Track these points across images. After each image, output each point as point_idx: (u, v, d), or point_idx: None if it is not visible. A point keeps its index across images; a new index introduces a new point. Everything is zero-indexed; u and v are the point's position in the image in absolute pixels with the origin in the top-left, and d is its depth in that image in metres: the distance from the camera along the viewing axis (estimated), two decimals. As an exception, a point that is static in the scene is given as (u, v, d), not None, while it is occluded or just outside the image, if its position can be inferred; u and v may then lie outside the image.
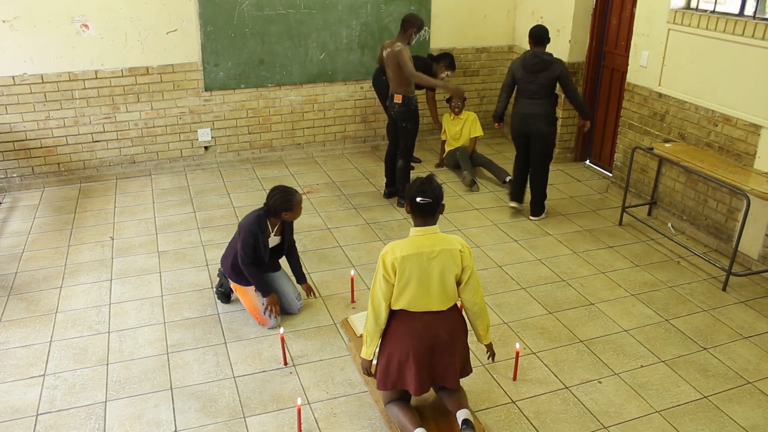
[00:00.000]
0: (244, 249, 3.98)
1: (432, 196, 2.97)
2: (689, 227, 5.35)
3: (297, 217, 4.08)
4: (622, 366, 3.80)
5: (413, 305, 3.02)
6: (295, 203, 3.98)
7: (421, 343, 3.04)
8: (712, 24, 4.90)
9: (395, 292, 3.00)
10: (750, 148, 4.74)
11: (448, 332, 3.07)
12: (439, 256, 2.97)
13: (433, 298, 3.02)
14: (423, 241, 2.98)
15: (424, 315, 3.04)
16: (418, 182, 3.03)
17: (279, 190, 3.99)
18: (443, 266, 2.97)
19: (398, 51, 5.38)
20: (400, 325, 3.07)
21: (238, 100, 6.62)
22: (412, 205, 3.00)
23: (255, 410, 3.43)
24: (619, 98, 6.30)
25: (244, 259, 3.98)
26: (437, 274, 2.98)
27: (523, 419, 3.39)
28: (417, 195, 2.97)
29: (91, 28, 5.92)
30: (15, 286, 4.57)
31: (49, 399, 3.49)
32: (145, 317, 4.21)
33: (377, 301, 3.04)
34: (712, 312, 4.35)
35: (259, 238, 4.00)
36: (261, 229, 4.01)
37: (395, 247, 2.98)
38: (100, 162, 6.37)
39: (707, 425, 3.36)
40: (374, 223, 5.54)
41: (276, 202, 3.95)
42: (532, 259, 4.99)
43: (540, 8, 6.93)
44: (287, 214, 4.00)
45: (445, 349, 3.08)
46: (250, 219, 4.02)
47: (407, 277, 2.96)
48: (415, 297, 3.00)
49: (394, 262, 2.95)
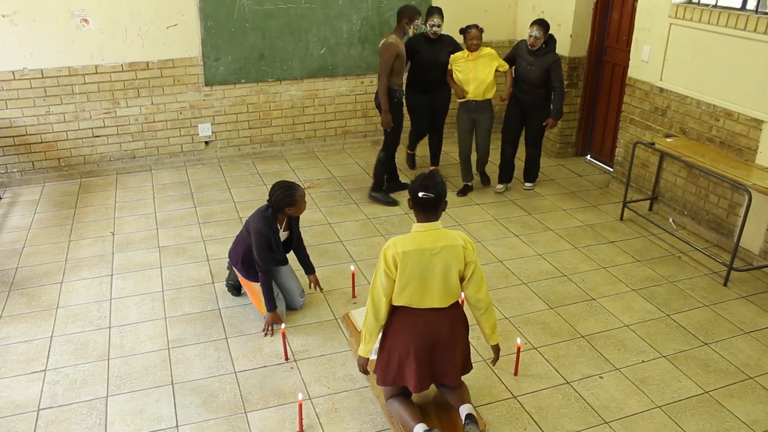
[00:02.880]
0: (259, 254, 3.92)
1: (435, 191, 2.95)
2: (690, 222, 5.35)
3: (301, 212, 4.05)
4: (623, 361, 3.80)
5: (414, 302, 3.01)
6: (297, 198, 3.95)
7: (421, 340, 3.03)
8: (714, 18, 4.88)
9: (396, 287, 2.99)
10: (751, 143, 4.73)
11: (449, 330, 3.06)
12: (442, 252, 2.95)
13: (435, 295, 3.00)
14: (425, 236, 2.97)
15: (426, 312, 3.03)
16: (420, 177, 3.01)
17: (281, 186, 3.97)
18: (446, 263, 2.96)
19: (381, 46, 5.44)
20: (401, 322, 3.06)
21: (239, 95, 6.61)
22: (414, 200, 2.98)
23: (256, 405, 3.43)
24: (620, 93, 6.28)
25: (261, 265, 3.93)
26: (439, 270, 2.96)
27: (524, 414, 3.39)
28: (419, 190, 2.95)
29: (90, 22, 5.91)
30: (16, 281, 4.57)
31: (50, 394, 3.49)
32: (146, 312, 4.21)
33: (377, 296, 3.02)
34: (713, 307, 4.34)
35: (272, 239, 3.97)
36: (272, 230, 3.97)
37: (397, 242, 2.97)
38: (100, 157, 6.36)
39: (708, 420, 3.36)
40: (375, 218, 5.54)
41: (278, 198, 3.92)
42: (533, 254, 4.99)
43: (541, 2, 6.91)
44: (290, 209, 3.97)
45: (445, 347, 3.07)
46: (258, 221, 3.94)
47: (409, 272, 2.94)
48: (416, 293, 2.99)
49: (396, 256, 2.93)
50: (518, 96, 5.79)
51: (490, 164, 6.30)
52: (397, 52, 5.41)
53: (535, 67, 5.59)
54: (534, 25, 5.52)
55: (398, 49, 5.42)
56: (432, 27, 5.63)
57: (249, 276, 4.09)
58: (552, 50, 5.58)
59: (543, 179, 6.42)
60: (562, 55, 6.63)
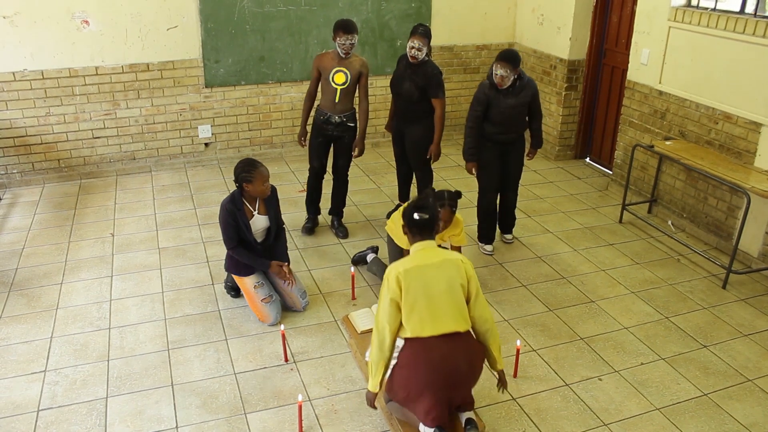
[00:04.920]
0: (226, 232, 3.88)
1: (429, 212, 2.96)
2: (689, 225, 5.36)
3: (259, 194, 3.93)
4: (622, 363, 3.81)
5: (425, 326, 2.89)
6: (255, 175, 3.82)
7: (439, 376, 2.90)
8: (713, 22, 4.90)
9: (404, 312, 2.89)
10: (750, 146, 4.74)
11: (467, 362, 2.97)
12: (443, 266, 2.92)
13: (445, 315, 2.90)
14: (424, 254, 2.95)
15: (441, 343, 2.90)
16: (413, 201, 3.02)
17: (243, 162, 3.89)
18: (449, 276, 2.91)
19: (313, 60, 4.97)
20: (415, 356, 2.92)
21: (239, 96, 6.62)
22: (410, 222, 2.97)
23: (256, 406, 3.43)
24: (619, 96, 6.30)
25: (226, 242, 3.88)
26: (444, 285, 2.90)
27: (523, 416, 3.39)
28: (414, 212, 2.95)
29: (91, 24, 5.91)
30: (15, 282, 4.57)
31: (50, 395, 3.50)
32: (146, 313, 4.22)
33: (381, 325, 2.91)
34: (712, 310, 4.35)
35: (237, 216, 3.88)
36: (237, 206, 3.88)
37: (397, 264, 2.93)
38: (100, 158, 6.36)
39: (707, 423, 3.37)
40: (374, 220, 5.54)
41: (237, 172, 3.85)
42: (533, 257, 5.00)
43: (540, 5, 6.92)
44: (248, 186, 3.86)
45: (463, 382, 2.99)
46: (225, 198, 3.93)
47: (414, 291, 2.87)
48: (426, 315, 2.88)
49: (399, 276, 2.87)
50: (496, 139, 4.76)
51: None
52: (316, 66, 4.90)
53: (519, 106, 4.68)
54: (499, 62, 4.51)
55: (318, 63, 4.89)
56: (411, 50, 4.81)
57: (239, 271, 4.05)
58: (526, 79, 4.68)
59: (542, 181, 6.43)
60: (561, 58, 6.66)
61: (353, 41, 4.75)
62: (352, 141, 5.08)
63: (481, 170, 4.88)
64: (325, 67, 4.84)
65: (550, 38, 6.82)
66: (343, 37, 4.70)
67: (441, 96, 4.94)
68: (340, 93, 4.84)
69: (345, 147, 5.09)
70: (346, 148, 5.09)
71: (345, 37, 4.70)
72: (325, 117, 4.97)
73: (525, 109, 4.74)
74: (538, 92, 4.76)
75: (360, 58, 4.91)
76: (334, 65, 4.81)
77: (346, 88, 4.85)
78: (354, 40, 4.76)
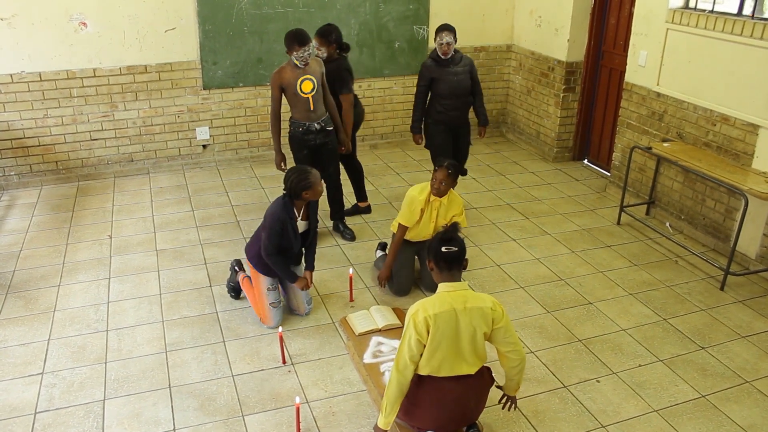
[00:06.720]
0: (270, 239, 3.87)
1: (457, 245, 2.87)
2: (687, 227, 5.36)
3: (319, 195, 3.99)
4: (620, 365, 3.81)
5: (443, 368, 2.88)
6: (313, 180, 3.89)
7: (449, 416, 2.96)
8: (711, 23, 4.91)
9: (426, 353, 2.84)
10: (748, 148, 4.75)
11: (476, 401, 3.03)
12: (472, 313, 2.83)
13: (465, 360, 2.89)
14: (454, 297, 2.84)
15: (455, 385, 2.91)
16: (439, 234, 2.94)
17: (293, 171, 3.92)
18: (475, 324, 2.84)
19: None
20: (429, 396, 2.93)
21: (237, 98, 6.61)
22: (437, 256, 2.86)
23: (253, 409, 3.43)
24: (617, 98, 6.30)
25: (268, 249, 3.88)
26: (469, 333, 2.84)
27: (521, 418, 3.39)
28: (442, 245, 2.86)
29: (89, 25, 5.91)
30: (13, 284, 4.56)
31: (47, 397, 3.49)
32: (144, 316, 4.21)
33: (403, 364, 2.84)
34: (710, 311, 4.35)
35: (288, 224, 3.91)
36: (289, 215, 3.92)
37: (426, 305, 2.82)
38: (98, 160, 6.36)
39: (705, 424, 3.37)
40: (372, 222, 5.54)
41: (294, 183, 3.87)
42: (531, 258, 5.00)
43: (538, 7, 6.93)
44: (308, 192, 3.91)
45: (470, 417, 3.08)
46: (275, 206, 3.91)
47: (440, 336, 2.81)
48: (447, 358, 2.86)
49: (428, 319, 2.78)
50: (447, 116, 5.15)
51: None
52: (278, 83, 4.75)
53: (464, 75, 5.11)
54: (443, 32, 4.96)
55: (281, 80, 4.74)
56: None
57: (262, 267, 4.03)
58: (458, 51, 5.11)
59: (540, 183, 6.44)
60: (559, 59, 6.67)
61: (310, 51, 4.71)
62: (336, 144, 5.07)
63: (436, 152, 5.26)
64: (288, 81, 4.70)
65: (548, 40, 6.83)
66: (300, 50, 4.60)
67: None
68: (312, 101, 4.78)
69: (331, 153, 5.07)
70: (332, 153, 5.08)
71: (302, 49, 4.61)
72: (304, 128, 4.86)
73: (468, 78, 5.15)
74: (474, 65, 5.23)
75: (314, 59, 4.84)
76: (297, 76, 4.69)
77: (315, 94, 4.79)
78: (311, 49, 4.73)
